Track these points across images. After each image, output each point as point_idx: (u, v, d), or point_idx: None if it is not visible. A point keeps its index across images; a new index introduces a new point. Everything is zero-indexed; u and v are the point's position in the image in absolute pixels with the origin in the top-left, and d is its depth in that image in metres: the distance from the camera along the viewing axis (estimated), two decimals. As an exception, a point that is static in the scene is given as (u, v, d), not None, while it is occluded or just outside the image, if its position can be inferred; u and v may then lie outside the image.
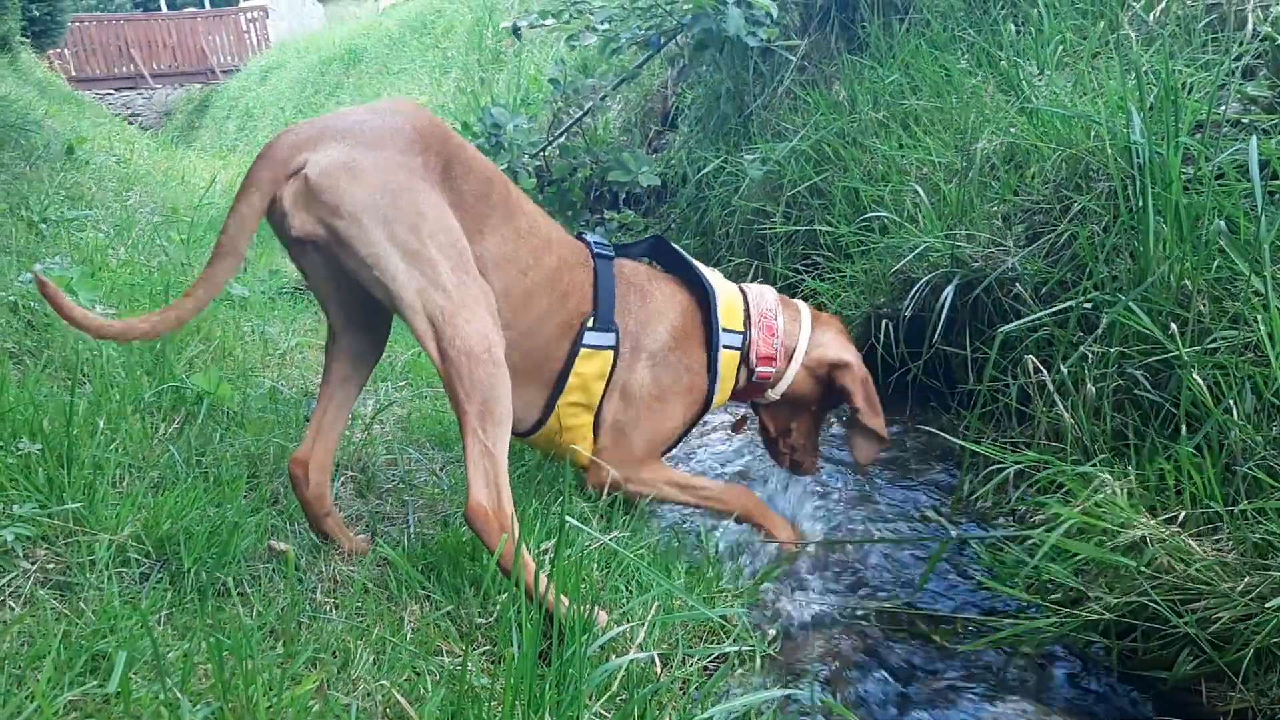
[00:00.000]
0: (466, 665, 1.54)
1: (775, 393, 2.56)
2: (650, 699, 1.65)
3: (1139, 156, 2.35)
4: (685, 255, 2.51)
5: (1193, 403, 2.03)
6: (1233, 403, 1.94)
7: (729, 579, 2.26)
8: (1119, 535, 1.91)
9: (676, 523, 2.61)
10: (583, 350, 2.29)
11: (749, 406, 2.77)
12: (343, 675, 1.60)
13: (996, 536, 2.39)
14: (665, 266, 2.57)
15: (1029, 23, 3.55)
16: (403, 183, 1.82)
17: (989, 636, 2.06)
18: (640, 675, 1.71)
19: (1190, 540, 1.83)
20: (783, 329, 2.53)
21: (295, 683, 1.49)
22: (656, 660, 1.78)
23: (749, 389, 2.56)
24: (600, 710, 1.59)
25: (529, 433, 2.37)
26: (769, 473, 2.92)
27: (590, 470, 2.39)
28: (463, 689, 1.50)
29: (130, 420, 2.27)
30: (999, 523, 2.54)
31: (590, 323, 2.29)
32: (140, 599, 1.67)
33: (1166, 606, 1.81)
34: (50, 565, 1.72)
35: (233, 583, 1.76)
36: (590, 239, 2.40)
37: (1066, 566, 2.02)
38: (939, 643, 2.12)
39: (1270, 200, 2.16)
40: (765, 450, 2.83)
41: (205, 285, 1.75)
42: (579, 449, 2.37)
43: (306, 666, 1.58)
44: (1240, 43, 2.70)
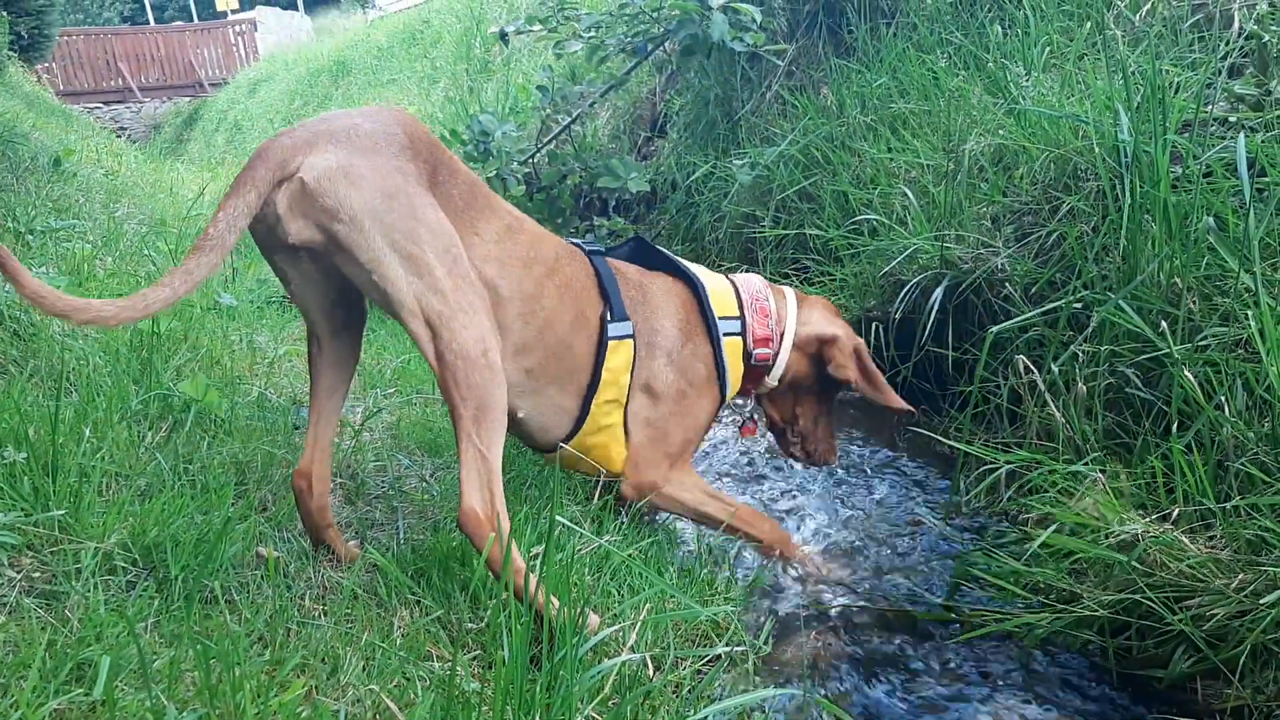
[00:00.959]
0: (456, 670, 1.52)
1: (773, 378, 2.55)
2: (642, 701, 1.64)
3: (1127, 156, 2.36)
4: (667, 253, 2.51)
5: (1184, 400, 2.03)
6: (1224, 399, 1.94)
7: (721, 580, 2.25)
8: (1104, 529, 1.91)
9: (666, 523, 2.59)
10: (610, 342, 2.26)
11: (754, 402, 2.76)
12: (331, 681, 1.58)
13: (991, 540, 2.39)
14: (650, 267, 2.57)
15: (1015, 25, 3.57)
16: (399, 187, 1.81)
17: (980, 628, 2.06)
18: (632, 677, 1.70)
19: (1183, 537, 1.83)
20: (774, 310, 2.52)
21: (283, 689, 1.47)
22: (649, 662, 1.76)
23: (749, 375, 2.54)
24: (592, 713, 1.57)
25: (565, 439, 2.30)
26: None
27: (628, 471, 2.33)
28: (452, 694, 1.49)
29: (117, 428, 2.25)
30: (992, 523, 2.54)
31: (608, 315, 2.27)
32: (126, 607, 1.65)
33: (1161, 604, 1.81)
34: (36, 573, 1.70)
35: (220, 589, 1.74)
36: (576, 240, 2.40)
37: (1060, 569, 2.02)
38: (933, 641, 2.11)
39: (1258, 197, 2.16)
40: (775, 444, 2.81)
41: (182, 276, 1.63)
42: (611, 453, 2.32)
43: (295, 673, 1.57)
44: (1227, 41, 2.71)
